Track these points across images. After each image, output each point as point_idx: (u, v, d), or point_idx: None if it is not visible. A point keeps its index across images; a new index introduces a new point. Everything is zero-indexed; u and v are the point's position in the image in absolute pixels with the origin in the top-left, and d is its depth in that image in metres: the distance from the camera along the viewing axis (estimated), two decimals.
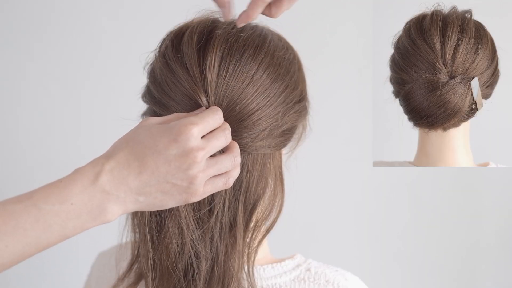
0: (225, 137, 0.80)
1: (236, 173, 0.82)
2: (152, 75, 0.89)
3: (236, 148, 0.82)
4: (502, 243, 1.76)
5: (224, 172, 0.80)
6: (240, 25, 0.86)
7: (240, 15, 0.86)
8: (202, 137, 0.78)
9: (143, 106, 0.92)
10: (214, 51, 0.84)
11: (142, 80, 0.93)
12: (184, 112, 0.84)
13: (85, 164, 0.77)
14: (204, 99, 0.83)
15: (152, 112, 0.89)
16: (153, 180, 0.76)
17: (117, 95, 1.56)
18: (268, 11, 0.86)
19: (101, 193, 0.75)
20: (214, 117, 0.80)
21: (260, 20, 0.91)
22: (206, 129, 0.78)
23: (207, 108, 0.83)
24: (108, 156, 0.77)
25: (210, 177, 0.79)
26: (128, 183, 0.76)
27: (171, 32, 0.90)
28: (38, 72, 1.60)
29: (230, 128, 0.82)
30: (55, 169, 1.59)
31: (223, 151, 0.81)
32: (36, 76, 1.60)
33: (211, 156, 0.79)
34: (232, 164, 0.81)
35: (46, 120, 1.62)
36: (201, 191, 0.78)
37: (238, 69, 0.84)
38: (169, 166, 0.76)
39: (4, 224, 0.72)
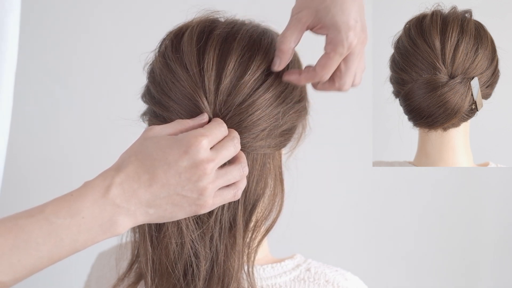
0: (234, 146, 0.80)
1: (243, 184, 0.82)
2: (152, 75, 0.89)
3: (244, 159, 0.82)
4: (502, 243, 1.76)
5: (233, 184, 0.81)
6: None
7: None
8: (210, 149, 0.78)
9: (143, 106, 0.92)
10: (214, 51, 0.84)
11: (142, 80, 0.92)
12: (183, 113, 0.84)
13: (95, 177, 0.76)
14: (203, 99, 0.83)
15: (152, 112, 0.88)
16: (164, 193, 0.76)
17: (117, 95, 1.56)
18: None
19: (111, 206, 0.75)
20: (220, 129, 0.80)
21: (260, 19, 0.91)
22: (214, 140, 0.79)
23: (206, 110, 0.83)
24: (117, 169, 0.76)
25: (219, 189, 0.79)
26: (139, 196, 0.76)
27: (170, 32, 0.90)
28: (39, 72, 1.60)
29: (238, 137, 0.82)
30: (56, 169, 1.60)
31: (229, 161, 0.82)
32: (37, 76, 1.60)
33: (219, 167, 0.79)
34: (240, 175, 0.81)
35: (47, 120, 1.62)
36: (211, 203, 0.78)
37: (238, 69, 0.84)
38: (179, 178, 0.76)
39: (17, 239, 0.72)
